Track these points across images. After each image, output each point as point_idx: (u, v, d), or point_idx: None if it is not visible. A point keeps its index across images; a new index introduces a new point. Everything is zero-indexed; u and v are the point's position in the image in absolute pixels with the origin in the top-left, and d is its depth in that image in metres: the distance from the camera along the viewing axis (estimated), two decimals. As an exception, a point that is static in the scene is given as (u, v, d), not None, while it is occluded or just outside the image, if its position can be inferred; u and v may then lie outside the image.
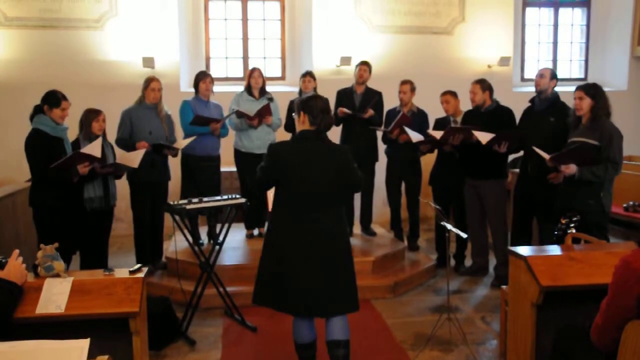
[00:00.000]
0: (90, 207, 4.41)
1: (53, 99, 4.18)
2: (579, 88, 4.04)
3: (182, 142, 5.07)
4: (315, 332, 3.14)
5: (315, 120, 3.02)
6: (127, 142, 4.91)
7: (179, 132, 5.34)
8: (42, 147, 4.11)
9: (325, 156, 3.01)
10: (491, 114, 5.01)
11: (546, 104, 4.66)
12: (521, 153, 5.00)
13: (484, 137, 4.72)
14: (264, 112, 5.24)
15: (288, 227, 3.00)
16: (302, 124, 3.07)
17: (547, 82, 4.65)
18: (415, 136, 5.17)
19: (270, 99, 5.44)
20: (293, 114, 3.21)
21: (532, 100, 4.82)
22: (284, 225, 3.02)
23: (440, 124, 5.40)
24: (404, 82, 5.56)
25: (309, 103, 3.05)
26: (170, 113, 5.24)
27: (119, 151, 4.82)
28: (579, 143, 3.97)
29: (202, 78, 5.30)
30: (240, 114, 5.24)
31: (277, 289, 3.00)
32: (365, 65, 5.62)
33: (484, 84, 5.06)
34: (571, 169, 3.93)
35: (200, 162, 5.27)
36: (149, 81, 5.02)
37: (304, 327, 3.09)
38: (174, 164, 5.38)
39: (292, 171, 2.97)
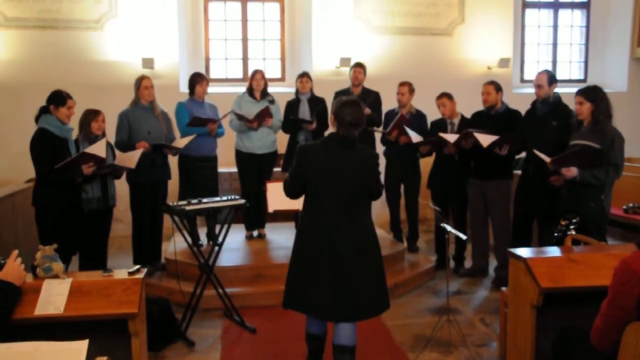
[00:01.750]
0: (89, 208, 4.41)
1: (59, 98, 4.19)
2: (578, 93, 4.02)
3: (182, 141, 5.06)
4: (327, 327, 3.16)
5: (340, 129, 2.95)
6: (126, 144, 4.90)
7: (176, 130, 5.33)
8: (47, 146, 4.11)
9: (352, 160, 2.94)
10: (501, 117, 5.00)
11: (548, 108, 4.64)
12: (524, 154, 4.98)
13: (485, 139, 4.71)
14: (264, 115, 5.24)
15: (314, 232, 2.96)
16: (333, 125, 3.03)
17: (546, 90, 4.60)
18: (415, 136, 5.16)
19: (272, 101, 5.44)
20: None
21: (533, 104, 4.81)
22: (311, 231, 2.98)
23: (436, 126, 5.39)
24: (402, 84, 5.55)
25: (341, 110, 2.95)
26: (167, 110, 5.23)
27: (118, 152, 4.82)
28: (580, 146, 3.96)
29: (198, 81, 5.30)
30: (239, 117, 5.24)
31: (304, 293, 2.98)
32: (359, 67, 5.61)
33: (496, 85, 5.06)
34: (572, 171, 3.92)
35: (197, 162, 5.26)
36: (140, 80, 5.01)
37: (315, 320, 3.10)
38: (172, 164, 5.38)
39: (319, 173, 2.93)
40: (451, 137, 5.01)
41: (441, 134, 5.10)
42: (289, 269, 3.08)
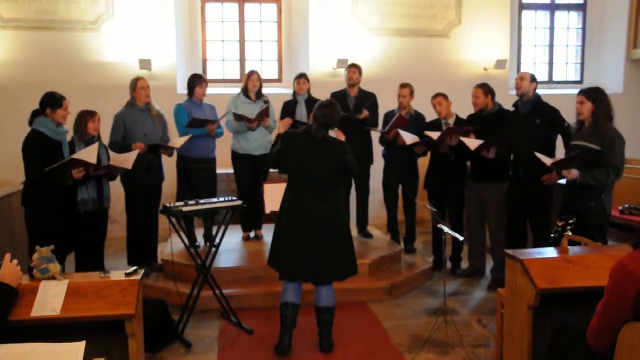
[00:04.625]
0: (84, 209, 4.40)
1: (54, 101, 4.17)
2: (580, 92, 4.04)
3: (177, 141, 5.05)
4: (300, 299, 3.71)
5: (314, 125, 3.60)
6: (121, 145, 4.88)
7: (172, 131, 5.33)
8: (39, 148, 4.09)
9: (325, 149, 3.55)
10: (494, 117, 5.02)
11: (530, 107, 4.69)
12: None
13: (472, 143, 4.74)
14: (263, 115, 5.25)
15: (291, 206, 3.61)
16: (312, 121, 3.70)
17: (527, 84, 4.67)
18: (409, 138, 5.17)
19: (267, 102, 5.44)
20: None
21: (515, 105, 4.84)
22: (289, 204, 3.62)
23: (431, 126, 5.40)
24: (403, 86, 5.54)
25: (318, 111, 3.60)
26: (163, 112, 5.22)
27: (112, 153, 4.81)
28: (581, 148, 3.97)
29: (198, 83, 5.29)
30: (239, 117, 5.24)
31: (280, 257, 3.64)
32: (354, 67, 5.61)
33: (485, 88, 5.08)
34: (573, 173, 3.94)
35: (196, 164, 5.26)
36: (136, 81, 4.99)
37: (291, 289, 3.68)
38: (169, 166, 5.37)
39: (296, 159, 3.58)
40: (434, 134, 5.02)
41: (426, 132, 5.12)
42: (273, 235, 3.73)
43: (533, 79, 4.73)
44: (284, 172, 3.77)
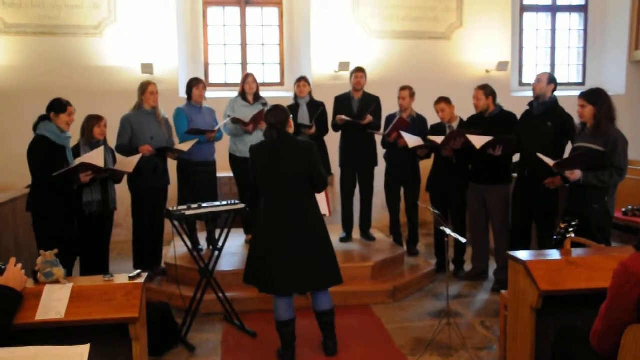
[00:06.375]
0: (89, 211, 4.42)
1: (59, 106, 4.23)
2: (580, 96, 4.04)
3: (185, 145, 5.05)
4: (294, 312, 3.63)
5: (270, 129, 3.52)
6: (128, 148, 4.91)
7: (176, 136, 5.34)
8: (45, 153, 4.13)
9: (292, 152, 3.49)
10: (495, 119, 5.02)
11: (544, 109, 4.66)
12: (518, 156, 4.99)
13: (478, 140, 4.73)
14: (259, 118, 5.25)
15: (266, 217, 3.54)
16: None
17: (544, 86, 4.64)
18: (412, 140, 5.16)
19: (265, 104, 5.44)
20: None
21: (530, 104, 4.82)
22: (264, 216, 3.56)
23: (435, 130, 5.40)
24: (403, 88, 5.54)
25: (266, 115, 3.56)
26: (168, 117, 5.24)
27: (118, 156, 4.83)
28: (583, 149, 3.97)
29: (195, 85, 5.30)
30: (235, 121, 5.25)
31: (260, 271, 3.55)
32: (360, 72, 5.59)
33: (486, 90, 5.07)
34: (576, 174, 3.93)
35: (197, 167, 5.26)
36: (146, 85, 5.03)
37: (283, 307, 3.57)
38: (171, 170, 5.38)
39: (263, 169, 3.52)
40: (438, 139, 5.02)
41: (430, 137, 5.12)
42: (250, 249, 3.67)
43: (551, 80, 4.65)
44: (258, 185, 3.61)
